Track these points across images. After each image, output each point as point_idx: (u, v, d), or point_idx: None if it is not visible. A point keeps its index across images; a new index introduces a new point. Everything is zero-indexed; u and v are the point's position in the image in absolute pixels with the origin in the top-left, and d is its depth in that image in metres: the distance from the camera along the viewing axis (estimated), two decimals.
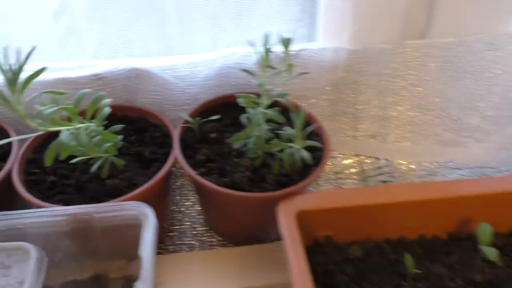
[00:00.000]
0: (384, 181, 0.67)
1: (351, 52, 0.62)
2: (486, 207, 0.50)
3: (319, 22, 0.62)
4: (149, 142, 0.57)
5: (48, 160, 0.46)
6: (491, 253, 0.45)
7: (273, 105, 0.50)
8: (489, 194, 0.50)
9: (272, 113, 0.46)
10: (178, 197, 0.65)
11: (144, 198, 0.48)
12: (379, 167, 0.69)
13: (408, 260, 0.46)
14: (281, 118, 0.47)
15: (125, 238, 0.45)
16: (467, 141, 0.69)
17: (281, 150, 0.51)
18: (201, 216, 0.62)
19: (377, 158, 0.70)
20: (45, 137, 0.57)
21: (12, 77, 0.42)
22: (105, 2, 0.54)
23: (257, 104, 0.48)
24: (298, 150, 0.48)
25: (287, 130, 0.51)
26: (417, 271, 0.45)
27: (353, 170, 0.69)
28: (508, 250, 0.51)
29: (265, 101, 0.47)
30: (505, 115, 0.67)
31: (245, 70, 0.47)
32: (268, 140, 0.52)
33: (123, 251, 0.48)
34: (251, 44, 0.46)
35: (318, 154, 0.54)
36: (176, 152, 0.52)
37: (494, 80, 0.65)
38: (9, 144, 0.55)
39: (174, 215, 0.62)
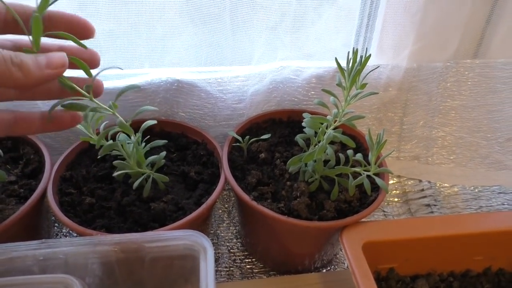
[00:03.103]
0: (427, 205, 0.64)
1: (406, 70, 0.59)
2: None
3: (375, 39, 0.59)
4: (192, 161, 0.53)
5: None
6: None
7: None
8: None
9: (342, 136, 0.43)
10: (212, 219, 0.60)
11: (193, 224, 0.44)
12: (422, 190, 0.66)
13: None
14: (352, 143, 0.43)
15: (174, 270, 0.41)
16: None
17: (340, 175, 0.47)
18: (238, 240, 0.58)
19: (420, 180, 0.67)
20: (78, 152, 0.52)
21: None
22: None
23: (321, 124, 0.45)
24: (369, 177, 0.45)
25: (353, 155, 0.47)
26: None
27: (395, 192, 0.66)
28: None
29: (337, 123, 0.43)
30: None
31: (326, 91, 0.43)
32: (325, 163, 0.48)
33: (171, 283, 0.43)
34: (338, 62, 0.42)
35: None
36: (227, 174, 0.48)
37: None
38: (39, 160, 0.51)
39: (210, 238, 0.58)
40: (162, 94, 0.55)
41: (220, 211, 0.62)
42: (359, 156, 0.46)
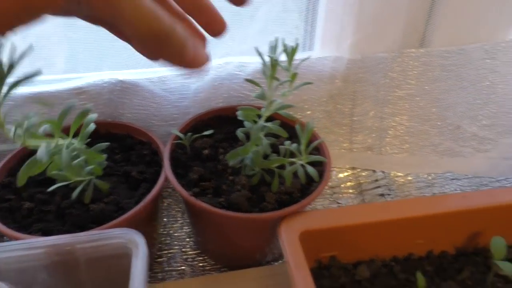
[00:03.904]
0: (381, 194, 0.65)
1: (350, 61, 0.59)
2: (495, 219, 0.48)
3: (318, 31, 0.60)
4: (137, 161, 0.53)
5: (20, 180, 0.41)
6: (507, 267, 0.42)
7: (271, 118, 0.47)
8: (499, 206, 0.48)
9: (275, 127, 0.43)
10: (165, 219, 0.60)
11: (133, 223, 0.44)
12: (376, 180, 0.67)
13: (420, 280, 0.43)
14: (284, 133, 0.43)
15: (112, 270, 0.41)
16: (464, 151, 0.67)
17: (281, 166, 0.48)
18: (191, 239, 0.58)
19: (374, 171, 0.68)
20: (20, 158, 0.52)
21: None
22: None
23: (258, 117, 0.45)
24: (303, 166, 0.45)
25: (290, 145, 0.47)
26: None
27: (349, 183, 0.66)
28: None
29: (266, 114, 0.43)
30: (503, 124, 0.66)
31: (249, 81, 0.43)
32: (266, 156, 0.48)
33: (111, 284, 0.43)
34: (259, 52, 0.42)
35: (318, 169, 0.51)
36: (167, 171, 0.48)
37: (492, 89, 0.64)
38: None
39: (163, 238, 0.58)
40: (106, 95, 0.55)
41: (174, 211, 0.62)
42: (294, 147, 0.46)
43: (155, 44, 0.24)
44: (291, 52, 0.41)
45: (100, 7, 0.22)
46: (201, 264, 0.55)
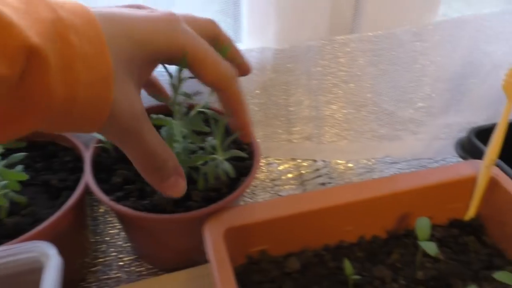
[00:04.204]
0: (323, 183, 0.65)
1: (278, 51, 0.58)
2: (422, 200, 0.48)
3: (243, 22, 0.59)
4: (58, 168, 0.51)
5: None
6: (430, 248, 0.43)
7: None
8: (424, 186, 0.48)
9: (194, 119, 0.42)
10: (101, 226, 0.58)
11: (52, 234, 0.42)
12: (317, 169, 0.67)
13: (347, 267, 0.43)
14: (203, 127, 0.42)
15: (26, 286, 0.39)
16: (402, 134, 0.68)
17: (206, 163, 0.47)
18: (128, 244, 0.56)
19: (314, 161, 0.68)
20: None
21: None
22: None
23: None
24: (222, 162, 0.44)
25: (210, 141, 0.46)
26: (357, 277, 0.42)
27: (290, 175, 0.66)
28: (448, 242, 0.49)
29: (182, 109, 0.42)
30: (436, 105, 0.67)
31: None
32: (194, 153, 0.47)
33: None
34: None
35: (249, 163, 0.50)
36: (87, 177, 0.46)
37: (424, 71, 0.65)
38: None
39: (98, 246, 0.56)
40: None
41: (110, 217, 0.60)
42: (214, 143, 0.45)
43: (146, 171, 0.33)
44: None
45: (111, 138, 0.31)
46: (138, 270, 0.54)
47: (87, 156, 0.49)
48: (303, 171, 0.66)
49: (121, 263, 0.54)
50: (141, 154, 0.31)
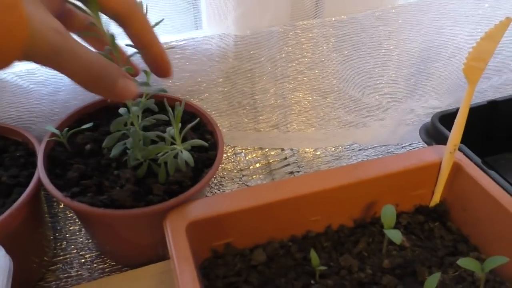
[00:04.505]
0: (291, 172, 0.64)
1: (239, 38, 0.57)
2: (388, 187, 0.48)
3: (202, 8, 0.57)
4: (10, 164, 0.48)
5: None
6: (395, 236, 0.42)
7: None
8: (389, 174, 0.48)
9: (148, 103, 0.40)
10: (61, 222, 0.56)
11: (4, 234, 0.40)
12: (285, 158, 0.66)
13: (313, 257, 0.42)
14: (155, 107, 0.40)
15: None
16: (368, 121, 0.68)
17: (166, 154, 0.45)
18: (90, 241, 0.54)
19: (282, 149, 0.67)
20: None
21: None
22: None
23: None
24: (182, 151, 0.42)
25: (170, 131, 0.44)
26: (323, 267, 0.42)
27: (258, 165, 0.65)
28: (414, 229, 0.49)
29: (142, 99, 0.40)
30: (401, 90, 0.67)
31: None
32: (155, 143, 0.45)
33: None
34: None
35: (212, 154, 0.49)
36: (40, 172, 0.44)
37: (388, 56, 0.64)
38: None
39: (57, 244, 0.53)
40: None
41: (71, 213, 0.57)
42: (172, 132, 0.43)
43: (92, 84, 0.30)
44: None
45: (44, 63, 0.27)
46: (100, 267, 0.52)
47: (40, 150, 0.46)
48: (271, 160, 0.65)
49: (82, 260, 0.52)
50: (79, 68, 0.28)
